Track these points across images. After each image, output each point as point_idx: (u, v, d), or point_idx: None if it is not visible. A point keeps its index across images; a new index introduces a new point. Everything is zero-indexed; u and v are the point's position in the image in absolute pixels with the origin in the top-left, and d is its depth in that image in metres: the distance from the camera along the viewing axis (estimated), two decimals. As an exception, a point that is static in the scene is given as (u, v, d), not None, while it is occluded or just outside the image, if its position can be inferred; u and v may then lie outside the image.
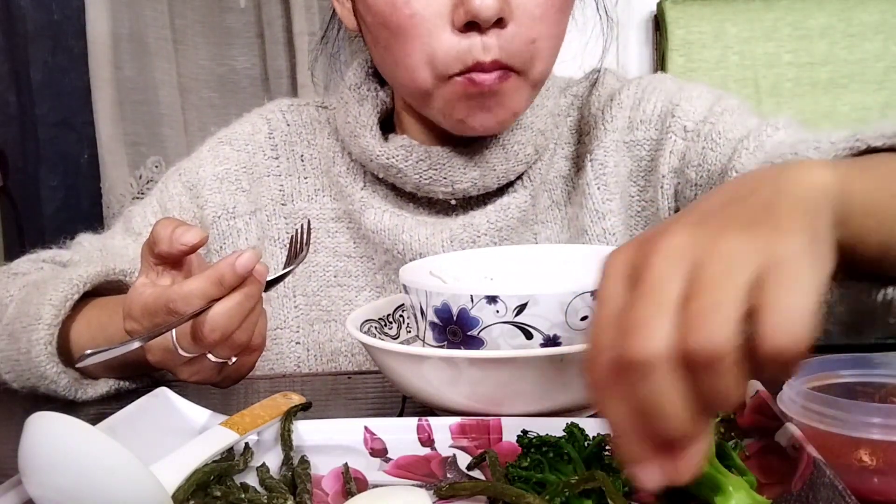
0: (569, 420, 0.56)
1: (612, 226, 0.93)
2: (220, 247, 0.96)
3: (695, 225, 0.41)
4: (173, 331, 0.64)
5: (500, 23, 0.79)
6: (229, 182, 0.97)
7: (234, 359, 0.68)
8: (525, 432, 0.55)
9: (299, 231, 0.77)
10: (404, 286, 0.70)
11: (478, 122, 0.85)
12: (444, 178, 0.90)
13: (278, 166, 0.99)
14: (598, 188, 0.93)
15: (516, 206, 0.92)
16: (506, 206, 0.91)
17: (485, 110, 0.83)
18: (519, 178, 0.93)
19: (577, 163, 0.97)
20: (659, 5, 1.89)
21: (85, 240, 0.97)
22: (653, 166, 0.92)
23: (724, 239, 0.39)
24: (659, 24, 1.90)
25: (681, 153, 0.89)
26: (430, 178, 0.90)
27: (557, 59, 0.89)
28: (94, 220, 1.99)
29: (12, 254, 1.01)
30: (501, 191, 0.93)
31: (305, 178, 0.99)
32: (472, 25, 0.79)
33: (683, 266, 0.39)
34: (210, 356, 0.66)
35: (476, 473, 0.57)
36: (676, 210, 0.92)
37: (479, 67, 0.80)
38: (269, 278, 0.68)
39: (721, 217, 0.42)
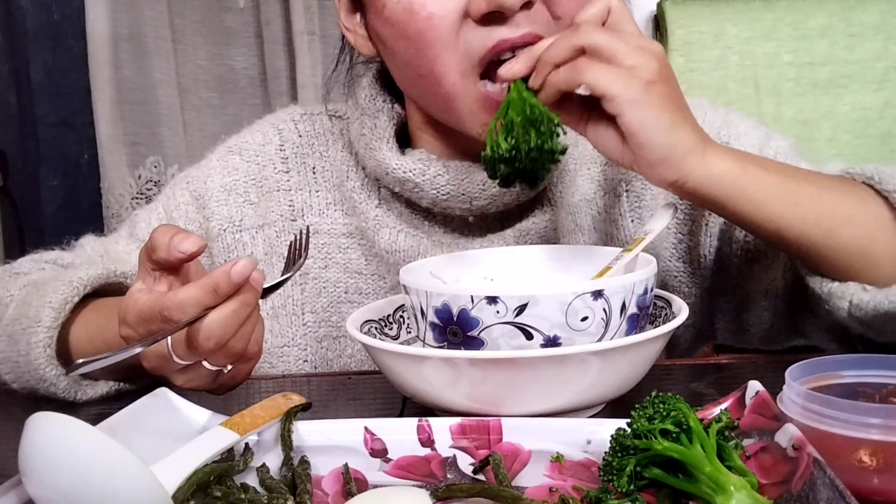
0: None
1: None
2: (225, 260, 0.93)
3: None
4: (168, 338, 0.64)
5: (526, 6, 0.77)
6: (237, 194, 0.96)
7: (229, 367, 0.67)
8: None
9: (298, 237, 0.76)
10: (404, 286, 0.70)
11: None
12: (463, 194, 0.87)
13: (288, 180, 0.97)
14: (633, 220, 0.91)
15: (536, 232, 0.90)
16: (525, 230, 0.89)
17: None
18: (539, 201, 0.91)
19: (606, 187, 0.93)
20: (659, 5, 1.89)
21: (87, 242, 0.97)
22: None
23: None
24: (659, 24, 1.90)
25: None
26: (448, 193, 0.87)
27: None
28: (94, 220, 1.99)
29: (12, 254, 1.01)
30: (521, 214, 0.91)
31: (317, 192, 0.97)
32: (491, 17, 0.77)
33: None
34: (205, 364, 0.66)
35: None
36: (718, 249, 0.89)
37: (505, 45, 0.78)
38: (266, 285, 0.67)
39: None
